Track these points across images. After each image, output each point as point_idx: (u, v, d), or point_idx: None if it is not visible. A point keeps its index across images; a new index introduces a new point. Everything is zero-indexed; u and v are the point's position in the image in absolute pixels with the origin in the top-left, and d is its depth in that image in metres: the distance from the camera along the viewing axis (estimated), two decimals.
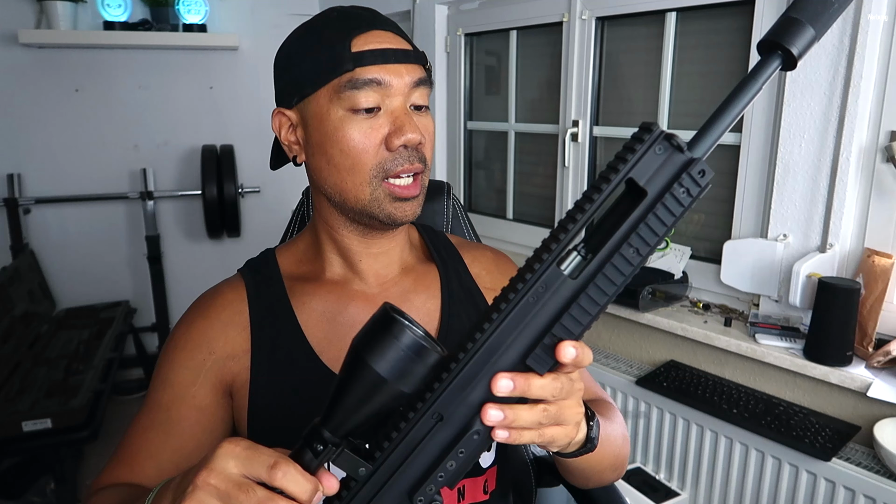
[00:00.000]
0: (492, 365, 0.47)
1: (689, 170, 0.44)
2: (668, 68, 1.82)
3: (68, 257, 2.94)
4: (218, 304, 0.78)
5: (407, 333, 0.44)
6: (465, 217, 1.09)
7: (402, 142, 0.70)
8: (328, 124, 0.71)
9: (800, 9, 0.44)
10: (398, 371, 0.44)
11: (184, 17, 2.83)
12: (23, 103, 2.78)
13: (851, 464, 1.30)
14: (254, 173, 3.10)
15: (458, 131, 2.60)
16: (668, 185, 0.44)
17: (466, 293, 0.84)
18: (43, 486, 2.10)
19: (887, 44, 1.36)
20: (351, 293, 0.79)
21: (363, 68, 0.69)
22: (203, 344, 0.75)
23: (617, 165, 0.44)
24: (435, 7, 2.48)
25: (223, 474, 0.46)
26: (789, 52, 0.44)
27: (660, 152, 0.44)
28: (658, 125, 0.44)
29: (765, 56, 0.45)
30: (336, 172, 0.72)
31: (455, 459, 0.47)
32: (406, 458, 0.47)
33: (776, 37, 0.44)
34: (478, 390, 0.47)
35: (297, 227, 1.05)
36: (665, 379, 1.64)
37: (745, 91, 0.45)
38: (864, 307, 1.37)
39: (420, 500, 0.47)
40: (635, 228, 0.44)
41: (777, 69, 0.45)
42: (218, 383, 0.75)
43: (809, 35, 0.44)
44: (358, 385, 0.45)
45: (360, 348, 0.44)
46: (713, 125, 0.45)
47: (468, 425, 0.47)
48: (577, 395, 0.52)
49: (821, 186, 1.46)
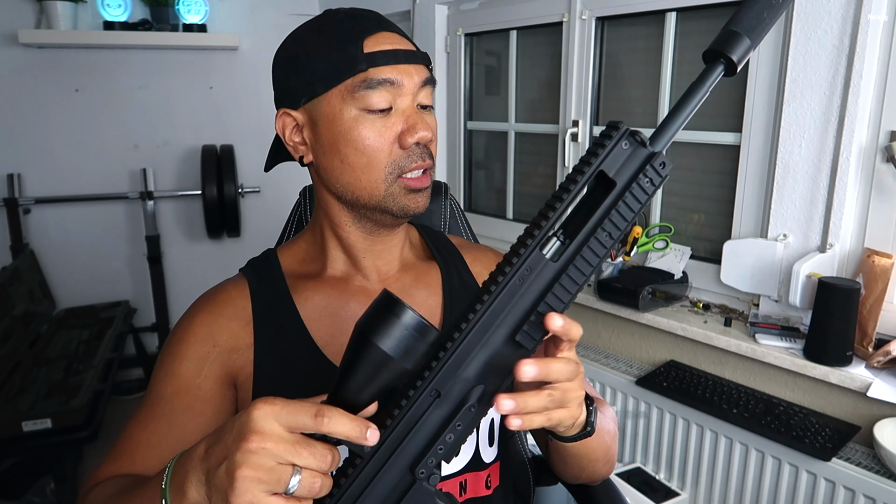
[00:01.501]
0: (484, 342, 0.51)
1: (652, 162, 0.50)
2: (668, 68, 1.82)
3: (68, 257, 2.94)
4: (221, 299, 0.79)
5: (409, 313, 0.47)
6: (463, 217, 1.09)
7: (416, 139, 0.72)
8: (341, 124, 0.72)
9: (737, 22, 0.52)
10: (402, 349, 0.47)
11: (184, 17, 2.83)
12: (23, 103, 2.78)
13: (851, 464, 1.30)
14: (254, 173, 3.11)
15: (458, 131, 2.60)
16: (634, 176, 0.50)
17: (467, 291, 0.85)
18: (43, 486, 2.10)
19: (887, 44, 1.36)
20: (353, 289, 0.80)
21: (377, 69, 0.71)
22: (207, 337, 0.76)
23: (589, 159, 0.50)
24: (435, 7, 2.48)
25: (274, 435, 0.46)
26: (731, 60, 0.51)
27: (626, 147, 0.50)
28: (624, 123, 0.50)
29: (710, 64, 0.53)
30: (350, 171, 0.74)
31: (453, 432, 0.51)
32: (407, 434, 0.50)
33: (719, 47, 0.52)
34: (472, 367, 0.51)
35: (295, 227, 1.05)
36: (665, 379, 1.64)
37: (695, 93, 0.52)
38: (864, 307, 1.37)
39: (422, 473, 0.50)
40: (607, 215, 0.50)
41: (720, 74, 0.52)
42: (222, 375, 0.76)
43: (746, 44, 0.51)
44: (364, 364, 0.47)
45: (366, 329, 0.47)
46: (669, 123, 0.52)
47: (464, 400, 0.51)
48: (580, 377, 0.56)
49: (821, 186, 1.46)
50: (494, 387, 0.52)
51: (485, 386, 0.52)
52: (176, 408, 0.73)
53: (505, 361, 0.52)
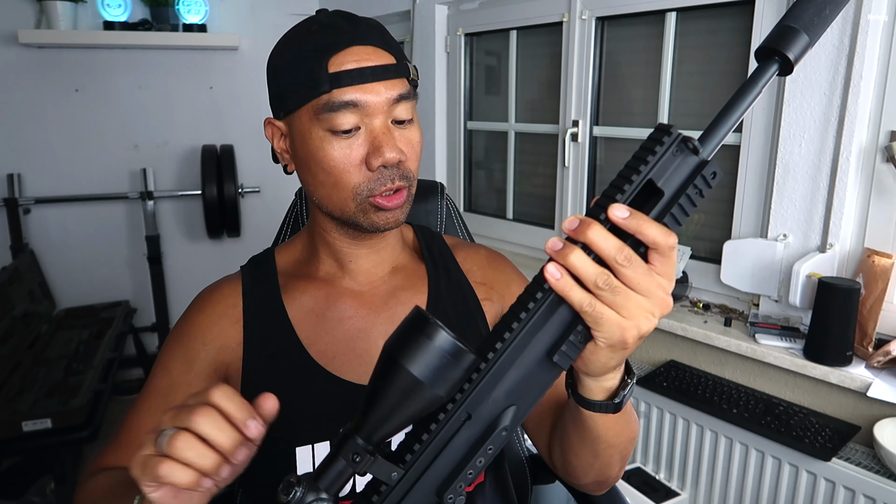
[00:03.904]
0: (519, 362, 0.47)
1: (703, 172, 0.46)
2: (668, 68, 1.82)
3: (68, 257, 2.94)
4: (214, 298, 0.82)
5: (442, 334, 0.43)
6: (459, 217, 1.09)
7: (381, 162, 0.71)
8: (310, 143, 0.72)
9: (795, 17, 0.47)
10: (434, 374, 0.43)
11: (184, 17, 2.83)
12: (23, 103, 2.78)
13: (851, 464, 1.30)
14: (254, 173, 3.11)
15: (457, 131, 2.60)
16: (684, 186, 0.46)
17: (455, 288, 0.85)
18: (43, 486, 2.09)
19: (887, 44, 1.36)
20: (340, 290, 0.81)
21: (340, 90, 0.69)
22: (198, 335, 0.79)
23: (638, 166, 0.46)
24: (435, 7, 2.48)
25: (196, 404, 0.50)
26: (786, 58, 0.47)
27: (676, 153, 0.46)
28: (675, 127, 0.46)
29: (763, 62, 0.48)
30: (321, 187, 0.74)
31: (484, 456, 0.47)
32: (436, 458, 0.47)
33: (773, 44, 0.47)
34: (504, 387, 0.47)
35: (290, 227, 1.05)
36: (665, 379, 1.64)
37: (745, 95, 0.47)
38: (864, 307, 1.37)
39: (450, 499, 0.47)
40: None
41: (775, 74, 0.47)
42: (213, 372, 0.78)
43: (804, 42, 0.47)
44: (392, 390, 0.43)
45: (394, 352, 0.43)
46: (717, 127, 0.47)
47: (496, 423, 0.48)
48: (652, 293, 0.46)
49: (821, 186, 1.46)
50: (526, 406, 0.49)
51: (517, 406, 0.48)
52: (169, 403, 0.75)
53: (539, 381, 0.48)
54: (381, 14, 2.71)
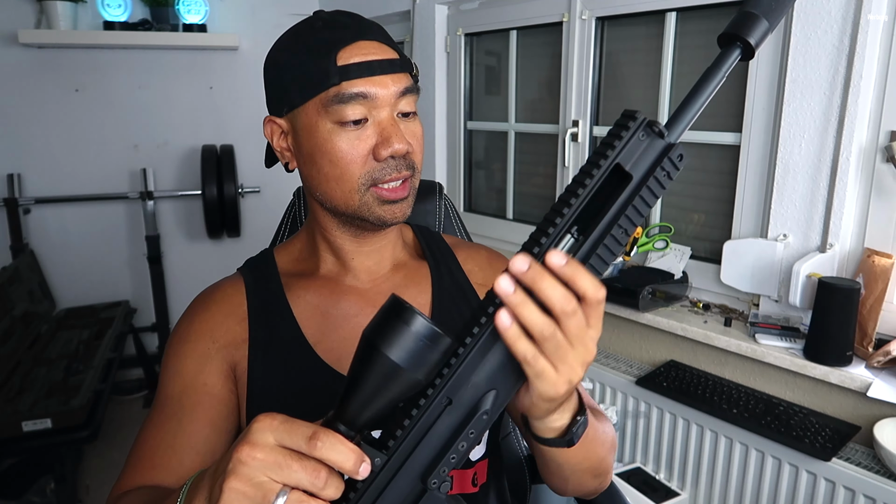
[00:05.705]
0: (497, 346, 0.48)
1: (669, 154, 0.47)
2: (668, 68, 1.82)
3: (68, 257, 2.94)
4: (218, 297, 0.81)
5: (419, 320, 0.44)
6: (458, 217, 1.09)
7: (390, 153, 0.72)
8: (318, 136, 0.73)
9: (755, 3, 0.49)
10: (413, 358, 0.44)
11: (184, 17, 2.83)
12: (23, 103, 2.78)
13: (851, 464, 1.30)
14: (254, 173, 3.11)
15: (457, 131, 2.60)
16: (652, 169, 0.47)
17: (457, 288, 0.86)
18: (43, 486, 2.10)
19: (887, 44, 1.36)
20: (343, 288, 0.81)
21: (349, 82, 0.70)
22: (206, 333, 0.78)
23: (605, 152, 0.47)
24: (435, 7, 2.48)
25: (266, 447, 0.44)
26: (748, 44, 0.48)
27: (642, 138, 0.47)
28: (641, 112, 0.47)
29: (725, 48, 0.49)
30: (326, 181, 0.74)
31: (466, 440, 0.48)
32: (418, 444, 0.48)
33: (735, 30, 0.48)
34: (484, 371, 0.48)
35: (289, 227, 1.05)
36: (665, 379, 1.64)
37: (709, 80, 0.49)
38: (864, 307, 1.37)
39: (434, 483, 0.48)
40: (624, 210, 0.47)
41: (737, 59, 0.49)
42: (225, 369, 0.77)
43: (764, 27, 0.48)
44: (372, 375, 0.44)
45: (373, 337, 0.44)
46: (682, 112, 0.49)
47: (476, 407, 0.48)
48: (585, 344, 0.48)
49: (821, 186, 1.46)
50: (507, 390, 0.49)
51: (497, 390, 0.49)
52: (185, 406, 0.74)
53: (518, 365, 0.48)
54: (381, 14, 2.71)
